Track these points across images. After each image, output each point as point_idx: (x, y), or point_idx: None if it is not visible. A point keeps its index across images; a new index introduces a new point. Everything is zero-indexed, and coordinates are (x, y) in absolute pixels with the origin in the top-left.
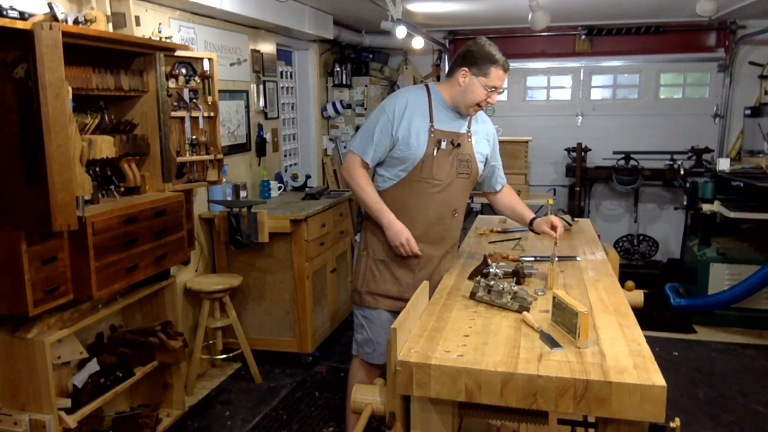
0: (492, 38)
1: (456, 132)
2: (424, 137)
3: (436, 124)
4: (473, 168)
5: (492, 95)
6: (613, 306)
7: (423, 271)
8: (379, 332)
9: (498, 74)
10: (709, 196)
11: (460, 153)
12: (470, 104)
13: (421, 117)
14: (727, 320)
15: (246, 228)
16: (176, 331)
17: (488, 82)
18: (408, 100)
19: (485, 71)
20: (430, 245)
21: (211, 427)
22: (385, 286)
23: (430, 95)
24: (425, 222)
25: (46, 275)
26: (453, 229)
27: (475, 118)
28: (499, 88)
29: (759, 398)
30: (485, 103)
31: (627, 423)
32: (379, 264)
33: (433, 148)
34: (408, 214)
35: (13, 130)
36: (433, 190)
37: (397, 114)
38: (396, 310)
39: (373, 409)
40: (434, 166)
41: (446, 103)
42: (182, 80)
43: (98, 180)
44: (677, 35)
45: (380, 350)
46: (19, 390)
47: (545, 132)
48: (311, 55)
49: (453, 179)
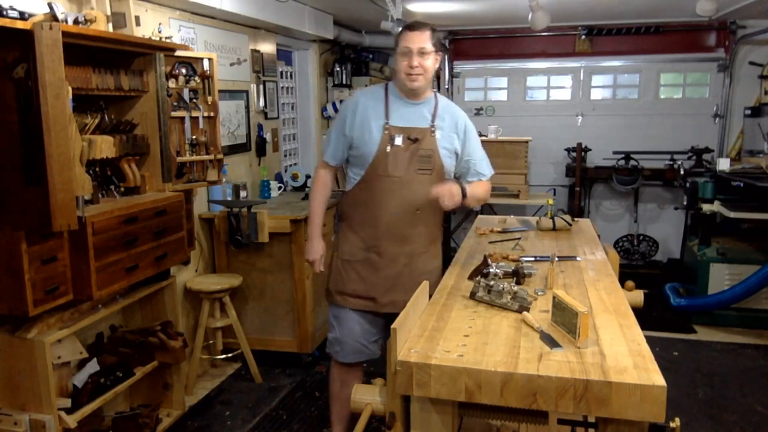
0: (492, 38)
1: (415, 127)
2: (378, 134)
3: (392, 120)
4: (436, 163)
5: (412, 58)
6: (613, 306)
7: (387, 270)
8: (346, 332)
9: (405, 36)
10: (709, 196)
11: (421, 148)
12: (402, 78)
13: (375, 114)
14: (727, 320)
15: (246, 228)
16: (176, 331)
17: (400, 47)
18: (361, 99)
19: (398, 41)
20: (394, 243)
21: (211, 427)
22: (353, 285)
23: (388, 93)
24: (386, 219)
25: (46, 275)
26: (419, 227)
27: (443, 111)
28: (415, 49)
29: (759, 398)
30: (410, 68)
31: (627, 423)
32: (346, 264)
33: (386, 145)
34: (368, 212)
35: (13, 130)
36: (392, 187)
37: (349, 113)
38: (364, 309)
39: (373, 409)
40: (389, 163)
41: (401, 96)
42: (182, 80)
43: (98, 180)
44: (677, 35)
45: (347, 349)
46: (19, 390)
47: (545, 132)
48: (311, 55)
49: (412, 175)
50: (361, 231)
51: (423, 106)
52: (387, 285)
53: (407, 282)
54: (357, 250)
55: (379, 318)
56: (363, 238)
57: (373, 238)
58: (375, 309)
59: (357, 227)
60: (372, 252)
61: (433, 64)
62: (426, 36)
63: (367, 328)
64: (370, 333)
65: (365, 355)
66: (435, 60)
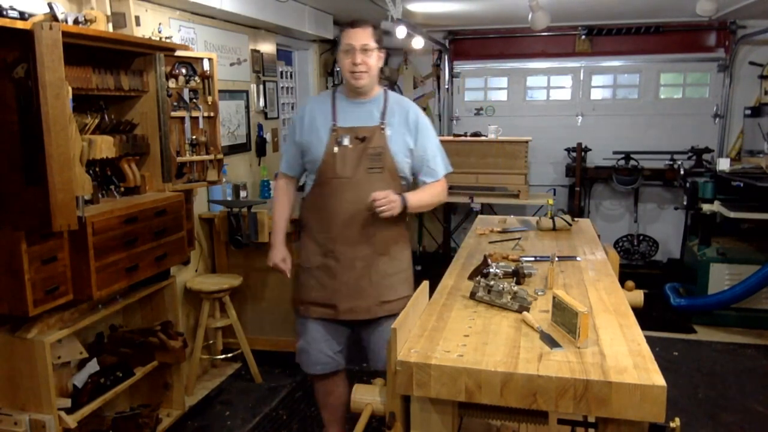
0: (492, 38)
1: (362, 126)
2: (326, 136)
3: (339, 121)
4: (387, 161)
5: (355, 55)
6: (613, 306)
7: (345, 275)
8: (310, 341)
9: (347, 33)
10: (709, 196)
11: (369, 147)
12: (346, 77)
13: (323, 117)
14: (727, 320)
15: (246, 228)
16: (176, 331)
17: (342, 45)
18: (308, 105)
19: (341, 40)
20: (349, 247)
21: (211, 427)
22: (313, 293)
23: (335, 96)
24: (339, 222)
25: (46, 275)
26: (376, 228)
27: (392, 108)
28: (357, 46)
29: (759, 398)
30: (354, 65)
31: (627, 423)
32: (306, 272)
33: (333, 146)
34: (322, 217)
35: (13, 130)
36: (342, 188)
37: (298, 121)
38: (327, 317)
39: (373, 409)
40: (337, 164)
41: (348, 97)
42: (182, 80)
43: (98, 180)
44: (677, 35)
45: (311, 360)
46: (19, 390)
47: (545, 132)
48: (311, 55)
49: (363, 175)
50: (317, 236)
51: (371, 104)
52: (346, 291)
53: (368, 287)
54: (314, 256)
55: (340, 327)
56: (320, 244)
57: (328, 243)
58: (335, 316)
59: (314, 233)
60: (329, 257)
61: (376, 62)
62: (368, 33)
63: (329, 338)
64: (333, 343)
65: (330, 366)
66: (378, 57)
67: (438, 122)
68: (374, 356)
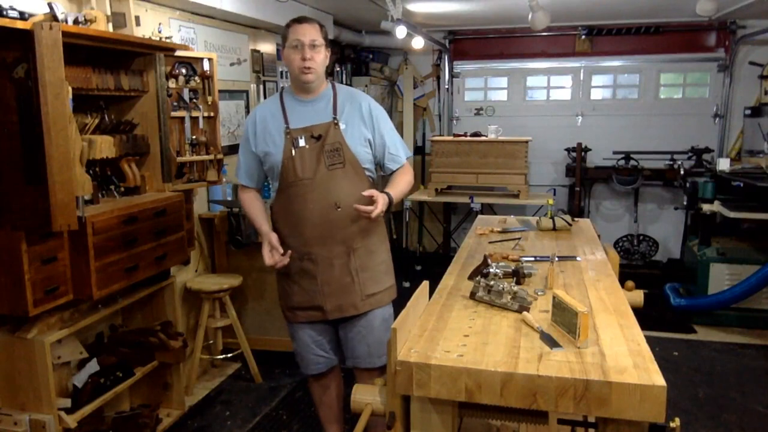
0: (492, 38)
1: (316, 124)
2: (281, 140)
3: (292, 123)
4: (347, 155)
5: (304, 50)
6: (613, 306)
7: (325, 274)
8: (302, 345)
9: (295, 29)
10: (709, 196)
11: (327, 144)
12: (295, 74)
13: (275, 122)
14: (727, 320)
15: (246, 228)
16: (176, 331)
17: (290, 40)
18: (257, 114)
19: (287, 36)
20: (323, 246)
21: (211, 427)
22: (296, 298)
23: (283, 98)
24: (309, 224)
25: (46, 275)
26: (346, 223)
27: (343, 101)
28: (306, 41)
29: (759, 398)
30: (304, 61)
31: (627, 423)
32: (286, 279)
33: (290, 149)
34: (291, 221)
35: (13, 130)
36: (305, 190)
37: (250, 131)
38: (313, 320)
39: (373, 409)
40: (297, 166)
41: (297, 97)
42: (182, 80)
43: (98, 180)
44: (677, 35)
45: (306, 362)
46: (19, 390)
47: (545, 132)
48: None
49: (324, 173)
50: (290, 242)
51: (320, 101)
52: (329, 290)
53: (350, 284)
54: (292, 261)
55: (329, 326)
56: (294, 248)
57: (302, 246)
58: (323, 318)
59: (287, 239)
60: (306, 261)
61: (323, 59)
62: (315, 29)
63: (318, 339)
64: (324, 342)
65: (324, 365)
66: (325, 55)
67: (438, 122)
68: (350, 352)
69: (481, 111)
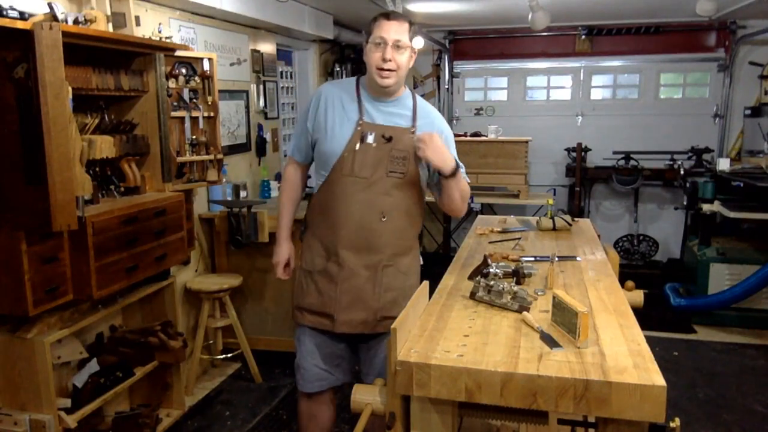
0: (492, 38)
1: (392, 126)
2: (347, 130)
3: (366, 116)
4: (410, 167)
5: (386, 50)
6: (613, 306)
7: (347, 283)
8: (306, 353)
9: (381, 25)
10: (709, 196)
11: (395, 149)
12: (372, 73)
13: (346, 110)
14: (727, 320)
15: (246, 228)
16: (176, 331)
17: (375, 36)
18: (329, 91)
19: (372, 31)
20: (355, 254)
21: (211, 427)
22: (309, 299)
23: (359, 87)
24: (347, 226)
25: (46, 275)
26: (385, 237)
27: (422, 113)
28: (390, 40)
29: (759, 398)
30: (383, 62)
31: (627, 423)
32: (306, 275)
33: (356, 142)
34: (329, 217)
35: (13, 130)
36: (355, 188)
37: (312, 107)
38: (319, 327)
39: (373, 409)
40: (356, 161)
41: (371, 94)
42: (182, 80)
43: (98, 180)
44: (677, 35)
45: (308, 375)
46: (19, 390)
47: (545, 132)
48: (311, 55)
49: (381, 177)
50: (322, 238)
51: (398, 105)
52: (346, 301)
53: (370, 299)
54: (318, 258)
55: (335, 340)
56: (324, 246)
57: (333, 246)
58: (330, 328)
59: (319, 234)
60: (332, 262)
61: (407, 62)
62: (404, 28)
63: (325, 351)
64: (331, 356)
65: (328, 382)
66: (410, 57)
67: None
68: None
69: (481, 111)
